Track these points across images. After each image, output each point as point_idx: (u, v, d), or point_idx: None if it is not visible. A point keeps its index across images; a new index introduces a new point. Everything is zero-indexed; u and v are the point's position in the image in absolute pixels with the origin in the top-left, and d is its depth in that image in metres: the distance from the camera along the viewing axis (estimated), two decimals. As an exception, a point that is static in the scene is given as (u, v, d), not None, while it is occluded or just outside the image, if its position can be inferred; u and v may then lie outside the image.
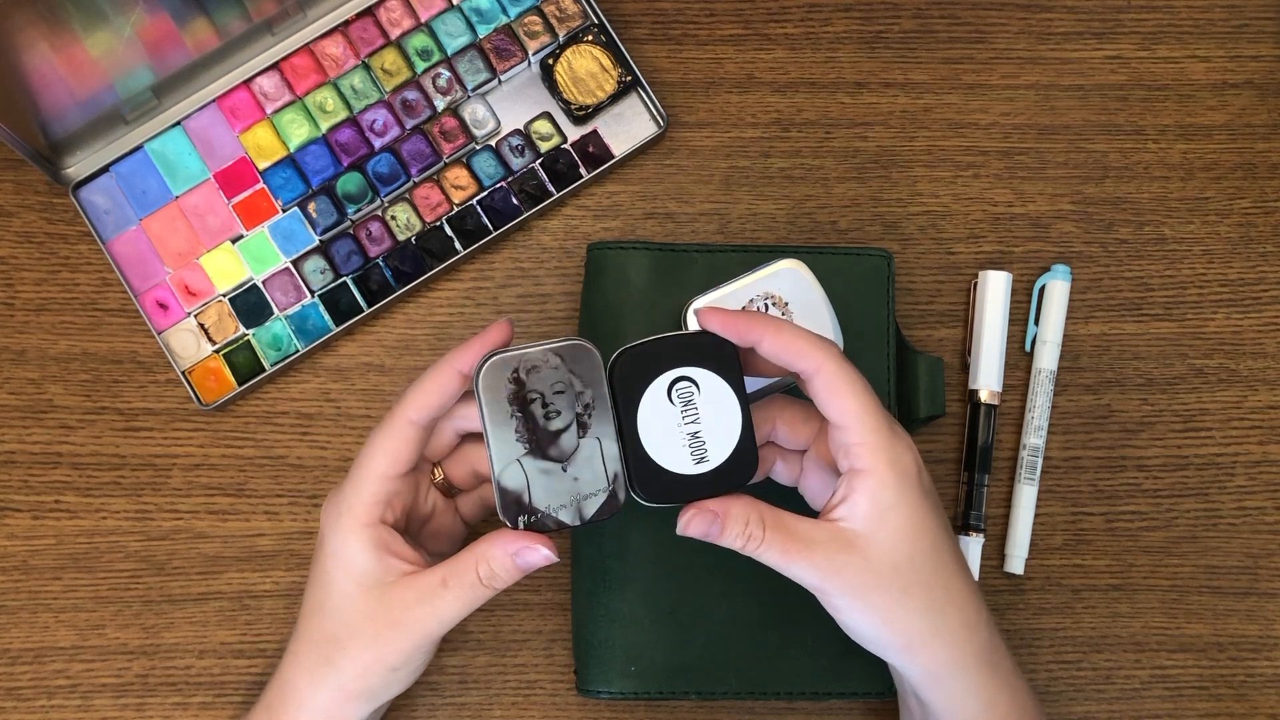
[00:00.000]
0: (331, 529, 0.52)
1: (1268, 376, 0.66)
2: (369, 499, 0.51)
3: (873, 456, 0.48)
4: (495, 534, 0.51)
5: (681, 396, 0.50)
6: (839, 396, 0.49)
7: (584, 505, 0.50)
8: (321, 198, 0.65)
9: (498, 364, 0.49)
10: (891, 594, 0.49)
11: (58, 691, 0.62)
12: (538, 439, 0.50)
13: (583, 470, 0.50)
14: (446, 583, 0.51)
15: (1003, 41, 0.68)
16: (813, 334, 0.50)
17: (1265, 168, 0.67)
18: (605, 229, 0.66)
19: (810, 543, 0.48)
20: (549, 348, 0.50)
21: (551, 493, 0.50)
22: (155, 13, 0.59)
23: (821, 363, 0.49)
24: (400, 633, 0.51)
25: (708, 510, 0.49)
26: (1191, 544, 0.64)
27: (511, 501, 0.50)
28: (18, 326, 0.64)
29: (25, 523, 0.63)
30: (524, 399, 0.50)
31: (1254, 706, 0.63)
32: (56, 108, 0.61)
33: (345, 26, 0.66)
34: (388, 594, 0.51)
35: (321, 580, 0.52)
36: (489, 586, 0.51)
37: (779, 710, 0.63)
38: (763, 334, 0.49)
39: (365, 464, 0.51)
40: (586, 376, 0.50)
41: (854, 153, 0.67)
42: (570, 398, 0.50)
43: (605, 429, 0.50)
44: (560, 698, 0.63)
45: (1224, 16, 0.68)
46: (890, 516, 0.48)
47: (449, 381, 0.51)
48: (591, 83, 0.66)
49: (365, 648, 0.51)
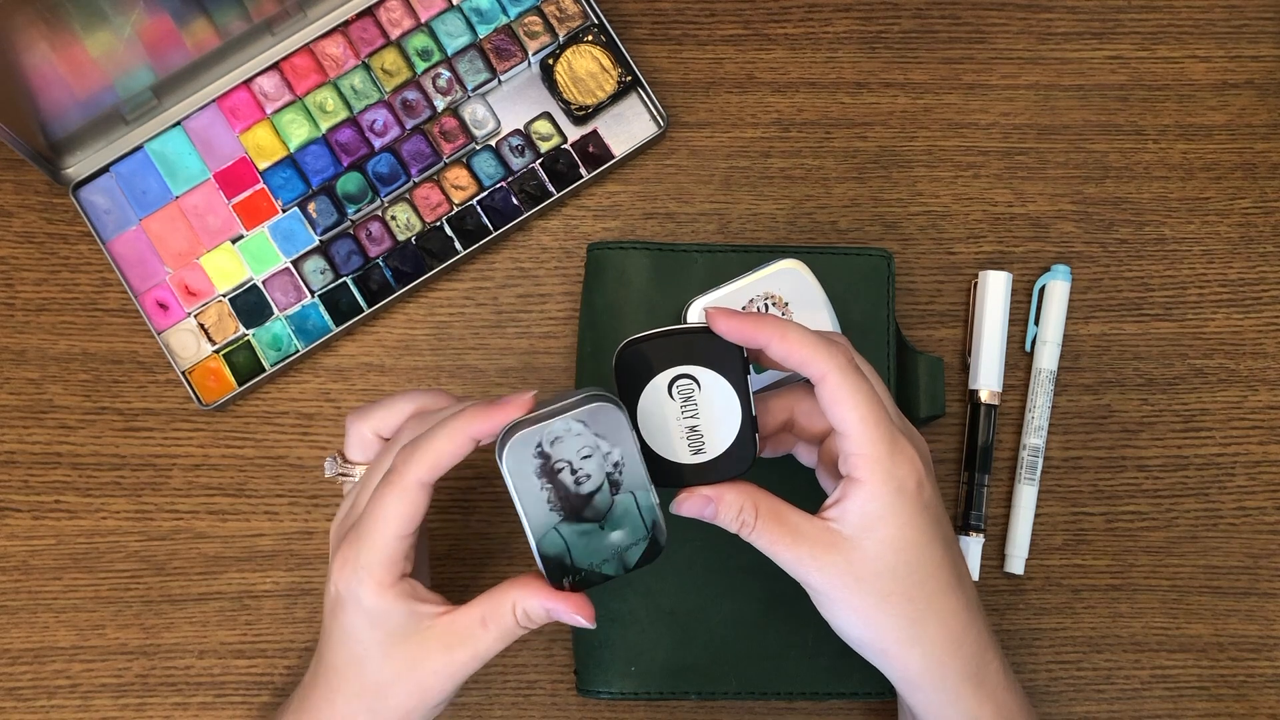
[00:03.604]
0: (353, 593, 0.51)
1: (1268, 376, 0.66)
2: (388, 561, 0.50)
3: (868, 468, 0.49)
4: (528, 580, 0.50)
5: (682, 393, 0.50)
6: (840, 406, 0.49)
7: (626, 556, 0.50)
8: (321, 198, 0.65)
9: (520, 441, 0.48)
10: (870, 598, 0.49)
11: (58, 691, 0.62)
12: (571, 504, 0.49)
13: (621, 524, 0.50)
14: (485, 624, 0.51)
15: (1003, 41, 0.68)
16: (822, 338, 0.49)
17: (1265, 168, 0.67)
18: (605, 229, 0.66)
19: (800, 535, 0.49)
20: (571, 415, 0.48)
21: (592, 551, 0.50)
22: (155, 13, 0.59)
23: (826, 371, 0.48)
24: (444, 676, 0.51)
25: (702, 495, 0.50)
26: (1191, 544, 0.64)
27: (554, 566, 0.50)
28: (18, 326, 0.64)
29: (25, 523, 0.63)
30: (552, 470, 0.49)
31: (1254, 706, 0.63)
32: (56, 108, 0.61)
33: (345, 26, 0.66)
34: (427, 641, 0.51)
35: (352, 636, 0.51)
36: (524, 626, 0.51)
37: (779, 710, 0.63)
38: (769, 338, 0.49)
39: (381, 528, 0.50)
40: (612, 436, 0.49)
41: (854, 153, 0.67)
42: (598, 460, 0.49)
43: (636, 480, 0.49)
44: (560, 698, 0.63)
45: (1224, 16, 0.68)
46: (878, 527, 0.49)
47: (462, 446, 0.49)
48: (591, 83, 0.66)
49: (411, 694, 0.51)
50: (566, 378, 0.63)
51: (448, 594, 0.63)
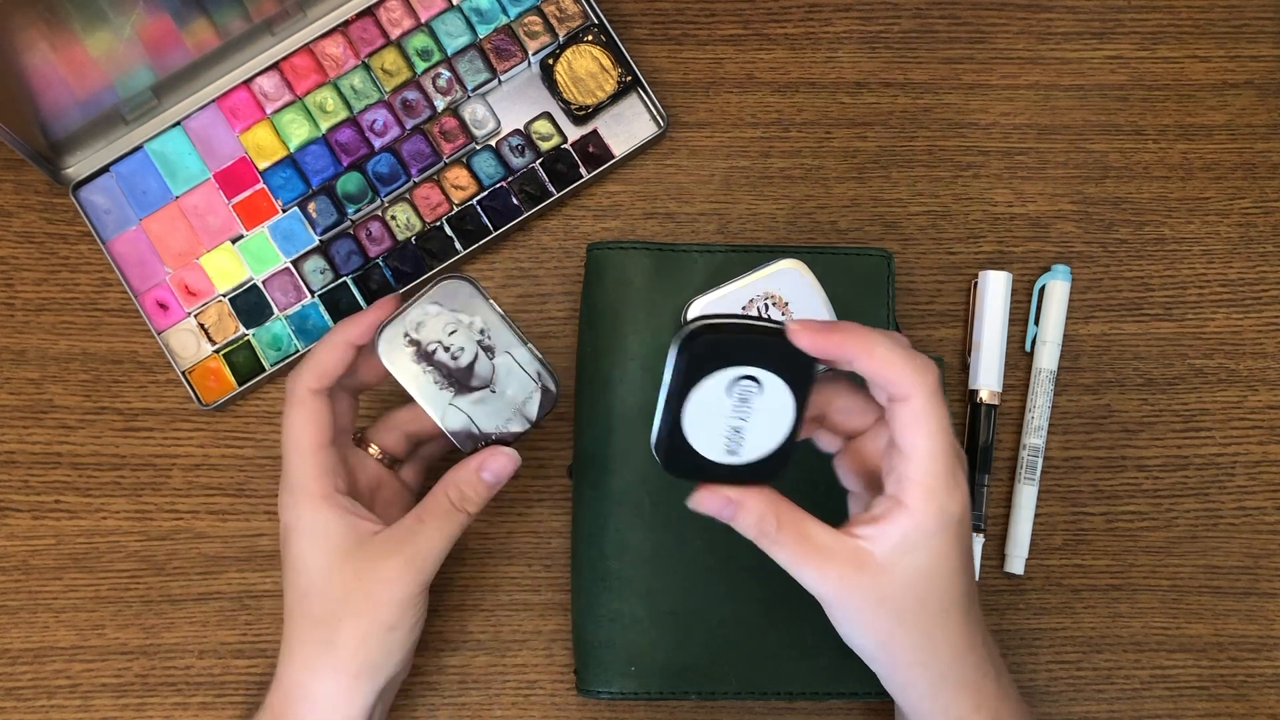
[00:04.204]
0: (294, 514, 0.53)
1: (1268, 376, 0.66)
2: (316, 473, 0.52)
3: (923, 497, 0.47)
4: (458, 463, 0.54)
5: (741, 394, 0.47)
6: (916, 432, 0.47)
7: (525, 410, 0.55)
8: (321, 198, 0.65)
9: (390, 335, 0.54)
10: (890, 620, 0.48)
11: (58, 691, 0.62)
12: (456, 378, 0.54)
13: (509, 384, 0.55)
14: (421, 518, 0.53)
15: (1003, 41, 0.68)
16: (910, 356, 0.47)
17: (1265, 168, 0.67)
18: (605, 229, 0.66)
19: (825, 553, 0.48)
20: (425, 300, 0.54)
21: (493, 414, 0.55)
22: (155, 13, 0.59)
23: (912, 394, 0.47)
24: (390, 584, 0.52)
25: (723, 495, 0.48)
26: (1191, 544, 0.64)
27: (464, 438, 0.54)
28: (18, 326, 0.64)
29: (25, 523, 0.63)
30: (427, 353, 0.54)
31: (1254, 706, 0.63)
32: (56, 108, 0.61)
33: (345, 26, 0.66)
34: (368, 551, 0.52)
35: (298, 567, 0.53)
36: (462, 510, 0.53)
37: (779, 710, 0.63)
38: (855, 355, 0.47)
39: (294, 444, 0.53)
40: (468, 308, 0.54)
41: (854, 153, 0.67)
42: (464, 333, 0.54)
43: (506, 340, 0.54)
44: (560, 698, 0.63)
45: (1224, 16, 0.68)
46: (915, 555, 0.48)
47: (341, 353, 0.53)
48: (591, 83, 0.66)
49: (360, 613, 0.51)
50: (567, 378, 0.63)
51: (447, 594, 0.63)
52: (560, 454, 0.64)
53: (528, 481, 0.64)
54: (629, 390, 0.60)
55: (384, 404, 0.63)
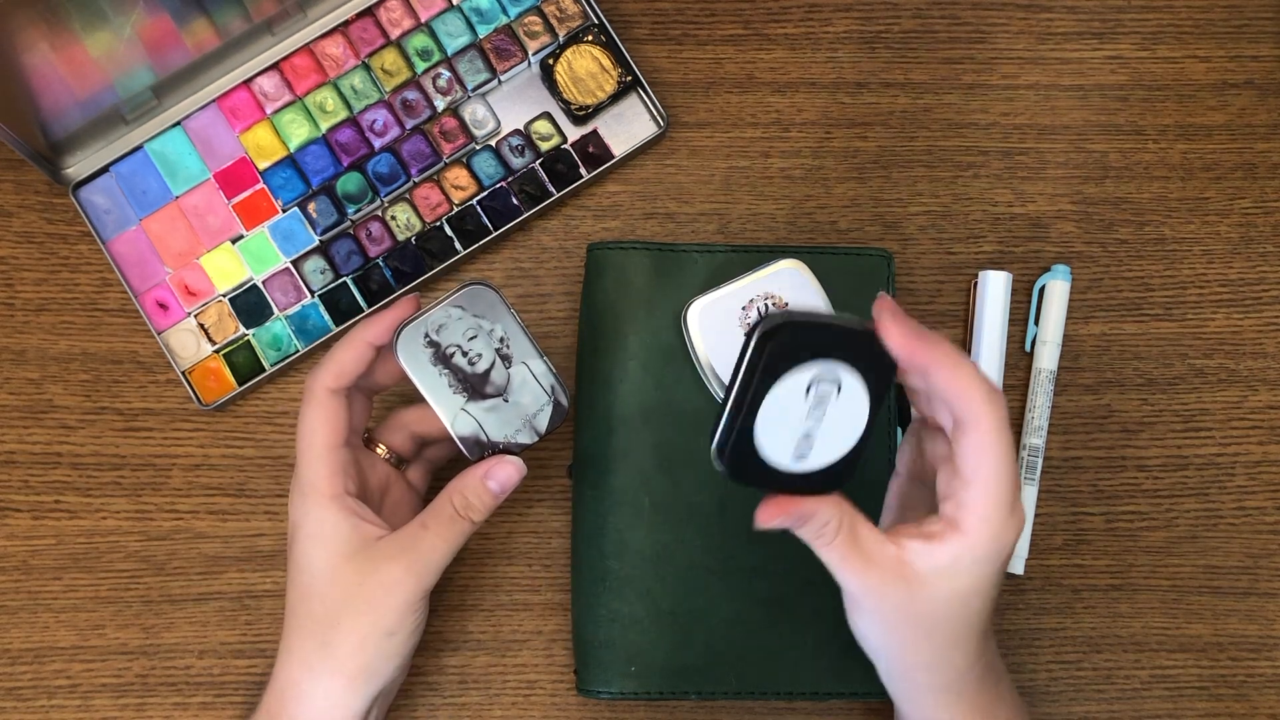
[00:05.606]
0: (301, 512, 0.53)
1: (1268, 376, 0.66)
2: (326, 472, 0.52)
3: (979, 526, 0.47)
4: (464, 470, 0.54)
5: (819, 395, 0.45)
6: (982, 460, 0.47)
7: (535, 422, 0.55)
8: (321, 198, 0.65)
9: (409, 335, 0.54)
10: (918, 632, 0.49)
11: (58, 691, 0.62)
12: (470, 384, 0.54)
13: (522, 395, 0.55)
14: (426, 524, 0.53)
15: (1003, 41, 0.68)
16: (987, 383, 0.47)
17: (1265, 168, 0.67)
18: (605, 229, 0.66)
19: (870, 560, 0.47)
20: (448, 303, 0.54)
21: (503, 423, 0.55)
22: (155, 13, 0.59)
23: (985, 419, 0.46)
24: (391, 589, 0.52)
25: (797, 511, 0.47)
26: (1191, 544, 0.64)
27: (472, 445, 0.54)
28: (18, 326, 0.64)
29: (25, 523, 0.63)
30: (444, 356, 0.54)
31: (1254, 706, 0.63)
32: (56, 108, 0.61)
33: (345, 26, 0.66)
34: (372, 555, 0.52)
35: (301, 566, 0.53)
36: (467, 518, 0.53)
37: (779, 710, 0.63)
38: (938, 365, 0.46)
39: (308, 442, 0.53)
40: (490, 314, 0.54)
41: (854, 153, 0.67)
42: (484, 339, 0.54)
43: (524, 351, 0.54)
44: (560, 698, 0.63)
45: (1224, 16, 0.68)
46: (959, 578, 0.48)
47: (360, 352, 0.53)
48: (591, 83, 0.66)
49: (359, 615, 0.51)
50: (567, 378, 0.63)
51: (447, 594, 0.63)
52: (560, 454, 0.64)
53: (528, 481, 0.63)
54: (629, 390, 0.60)
55: (390, 405, 0.63)
